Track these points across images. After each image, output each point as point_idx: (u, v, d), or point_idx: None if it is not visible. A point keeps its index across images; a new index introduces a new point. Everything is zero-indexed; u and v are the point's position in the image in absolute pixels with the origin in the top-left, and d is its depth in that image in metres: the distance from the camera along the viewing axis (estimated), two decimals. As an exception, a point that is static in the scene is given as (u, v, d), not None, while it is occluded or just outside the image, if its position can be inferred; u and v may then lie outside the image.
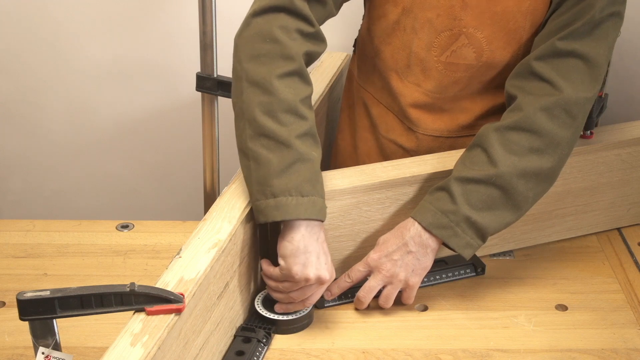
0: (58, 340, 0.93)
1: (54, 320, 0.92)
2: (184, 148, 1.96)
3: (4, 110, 1.94)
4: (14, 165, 2.02)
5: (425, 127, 1.39)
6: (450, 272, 1.30)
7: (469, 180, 1.17)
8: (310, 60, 1.22)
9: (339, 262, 1.28)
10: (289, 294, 1.14)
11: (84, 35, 1.83)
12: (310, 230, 1.11)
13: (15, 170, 2.03)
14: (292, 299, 1.15)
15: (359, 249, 1.27)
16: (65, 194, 2.06)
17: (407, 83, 1.37)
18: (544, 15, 1.25)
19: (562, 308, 1.24)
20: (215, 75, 1.52)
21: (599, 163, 1.35)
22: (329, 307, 1.23)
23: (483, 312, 1.23)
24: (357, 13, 1.48)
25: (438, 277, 1.29)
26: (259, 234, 1.17)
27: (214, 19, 1.47)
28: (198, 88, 1.53)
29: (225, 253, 1.07)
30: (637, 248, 1.39)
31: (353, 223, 1.25)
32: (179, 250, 1.04)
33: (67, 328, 1.11)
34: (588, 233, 1.43)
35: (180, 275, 0.99)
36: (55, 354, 0.93)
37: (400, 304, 1.23)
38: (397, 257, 1.18)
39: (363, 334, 1.17)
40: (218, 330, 1.08)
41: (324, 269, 1.12)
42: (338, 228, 1.24)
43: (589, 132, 1.32)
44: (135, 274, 1.30)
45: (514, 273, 1.33)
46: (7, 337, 1.15)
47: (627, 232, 1.44)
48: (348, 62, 1.70)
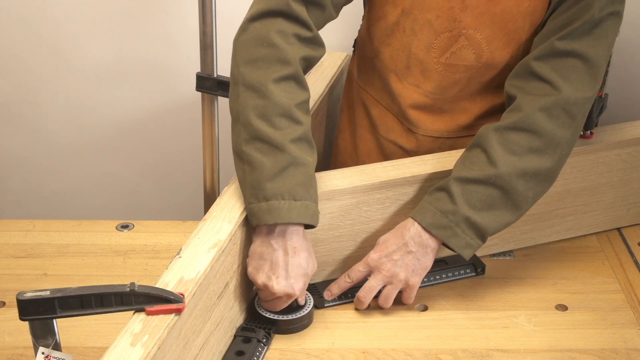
0: (58, 340, 0.93)
1: (54, 320, 0.92)
2: (184, 148, 1.96)
3: (4, 110, 1.94)
4: (14, 165, 2.02)
5: (425, 128, 1.39)
6: (450, 272, 1.30)
7: (469, 181, 1.17)
8: (309, 65, 1.22)
9: (339, 262, 1.28)
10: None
11: (84, 35, 1.83)
12: (283, 238, 1.11)
13: (15, 170, 2.03)
14: (263, 299, 1.16)
15: (359, 249, 1.27)
16: (65, 194, 2.06)
17: (406, 84, 1.37)
18: (543, 16, 1.25)
19: (562, 308, 1.24)
20: (215, 75, 1.51)
21: (599, 163, 1.35)
22: (329, 307, 1.23)
23: (483, 312, 1.23)
24: (356, 13, 1.48)
25: (438, 277, 1.29)
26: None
27: (214, 19, 1.47)
28: (198, 88, 1.53)
29: (225, 253, 1.07)
30: (637, 248, 1.39)
31: (353, 223, 1.25)
32: (179, 250, 1.04)
33: (67, 328, 1.11)
34: (588, 233, 1.43)
35: (180, 275, 0.99)
36: (55, 354, 0.93)
37: (400, 304, 1.23)
38: (397, 257, 1.18)
39: (363, 334, 1.17)
40: (218, 330, 1.08)
41: (278, 280, 1.10)
42: (338, 228, 1.24)
43: (589, 132, 1.32)
44: (135, 274, 1.30)
45: (514, 273, 1.33)
46: (7, 337, 1.15)
47: (627, 232, 1.44)
48: (348, 62, 1.69)
